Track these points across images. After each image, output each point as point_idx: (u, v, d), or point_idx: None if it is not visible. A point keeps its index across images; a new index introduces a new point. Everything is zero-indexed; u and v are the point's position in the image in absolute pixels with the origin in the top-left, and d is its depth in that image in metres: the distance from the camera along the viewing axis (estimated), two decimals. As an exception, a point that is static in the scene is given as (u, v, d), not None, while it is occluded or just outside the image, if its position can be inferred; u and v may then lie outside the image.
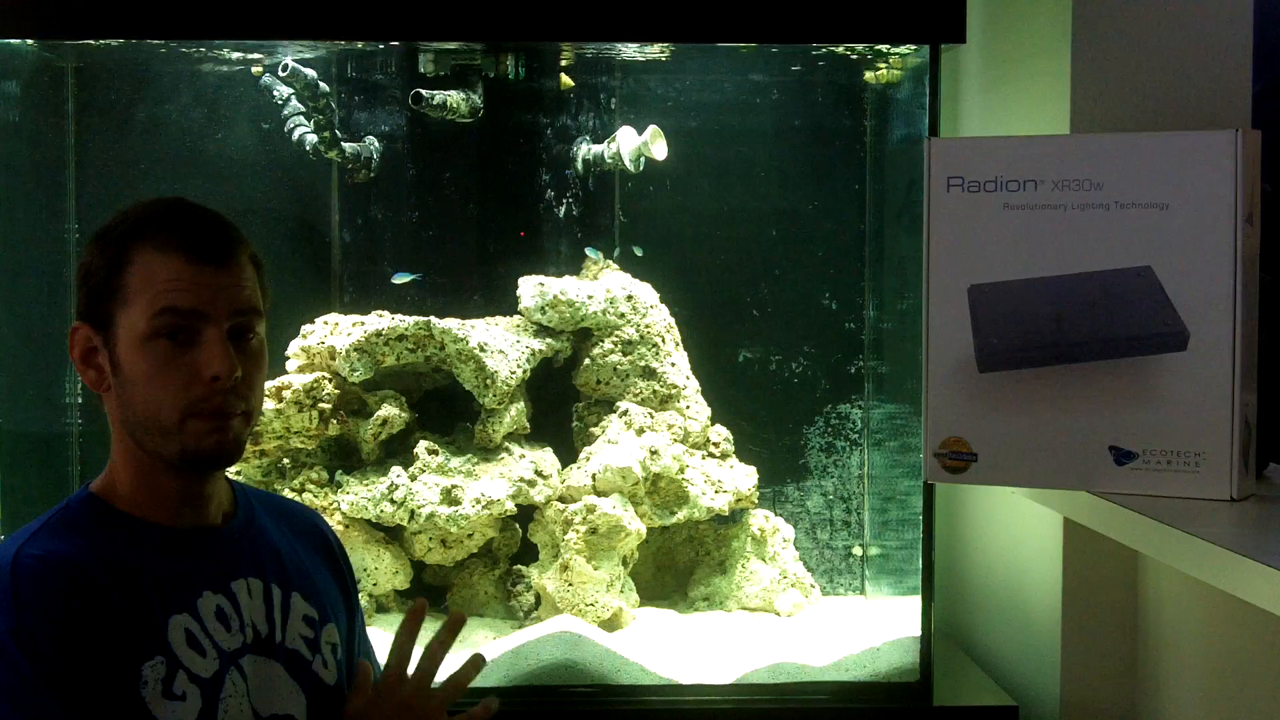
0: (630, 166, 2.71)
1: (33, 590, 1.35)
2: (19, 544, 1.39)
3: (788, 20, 2.33)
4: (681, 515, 2.65)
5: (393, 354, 2.60)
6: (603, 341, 2.71)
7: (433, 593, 2.69)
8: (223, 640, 1.44)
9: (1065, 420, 1.89)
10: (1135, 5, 2.25)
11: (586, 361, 2.72)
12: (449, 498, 2.53)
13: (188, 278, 1.42)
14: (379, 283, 2.80)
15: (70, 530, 1.43)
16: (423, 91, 2.60)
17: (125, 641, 1.37)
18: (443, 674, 1.59)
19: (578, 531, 2.53)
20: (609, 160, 2.74)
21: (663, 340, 2.73)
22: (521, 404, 2.65)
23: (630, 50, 2.64)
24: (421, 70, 2.67)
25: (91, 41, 2.47)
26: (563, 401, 2.78)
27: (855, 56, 2.67)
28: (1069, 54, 2.25)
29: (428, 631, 2.55)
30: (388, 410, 2.60)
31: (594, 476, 2.59)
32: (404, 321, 2.60)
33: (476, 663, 1.60)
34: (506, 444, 2.65)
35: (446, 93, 2.63)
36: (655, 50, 2.64)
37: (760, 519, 2.75)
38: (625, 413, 2.67)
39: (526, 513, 2.63)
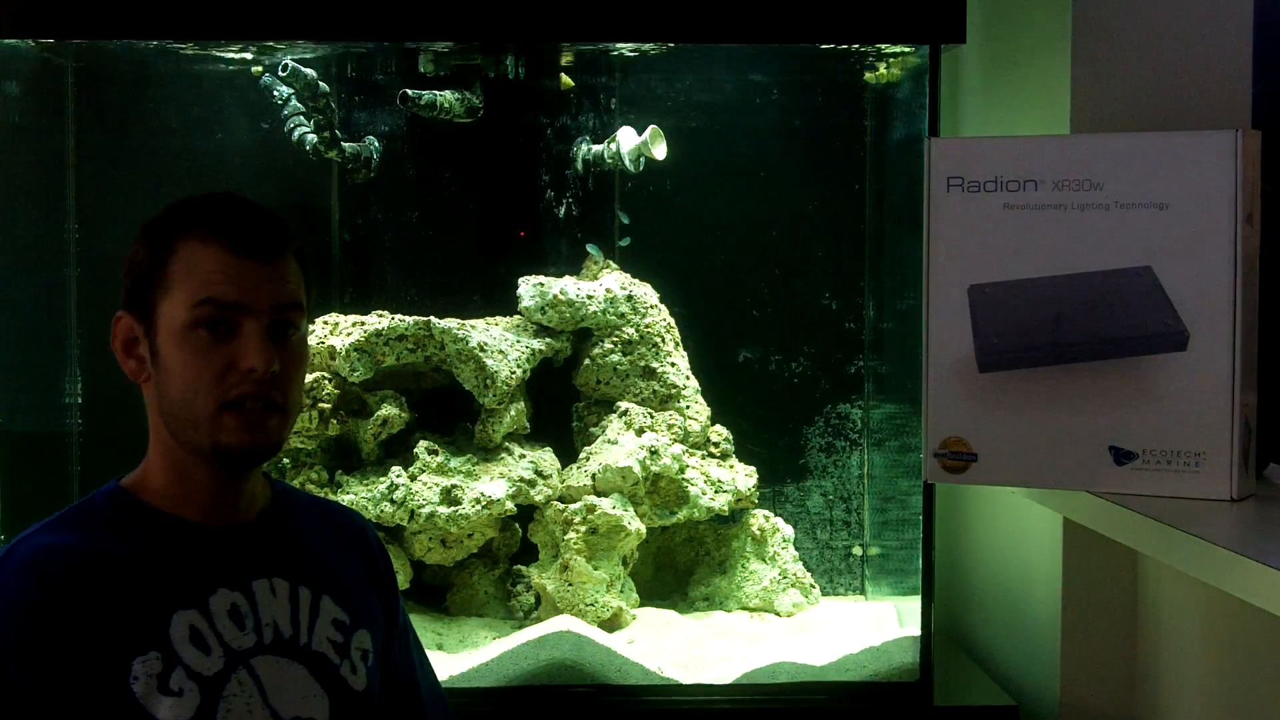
0: (630, 166, 2.70)
1: (4, 580, 1.37)
2: (26, 534, 1.41)
3: (787, 20, 2.33)
4: (681, 515, 2.65)
5: (392, 354, 2.60)
6: (603, 341, 2.71)
7: (433, 592, 2.69)
8: (232, 639, 1.43)
9: (1065, 420, 1.89)
10: (1135, 5, 2.25)
11: (586, 361, 2.72)
12: (449, 498, 2.53)
13: (231, 269, 1.42)
14: (379, 283, 2.81)
15: (83, 522, 1.44)
16: (410, 91, 2.60)
17: (114, 636, 1.37)
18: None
19: (578, 531, 2.53)
20: (609, 160, 2.74)
21: (663, 340, 2.73)
22: (521, 404, 2.65)
23: (630, 50, 2.64)
24: (421, 70, 2.67)
25: (91, 41, 2.47)
26: (563, 401, 2.78)
27: (855, 57, 2.67)
28: (1069, 54, 2.25)
29: (428, 630, 2.56)
30: (388, 410, 2.60)
31: (594, 476, 2.59)
32: (404, 321, 2.60)
33: None
34: (506, 444, 2.64)
35: (436, 92, 2.63)
36: (655, 50, 2.63)
37: (760, 519, 2.75)
38: (625, 413, 2.67)
39: (526, 513, 2.63)
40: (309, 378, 2.56)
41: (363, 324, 2.61)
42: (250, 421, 1.43)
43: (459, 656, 2.46)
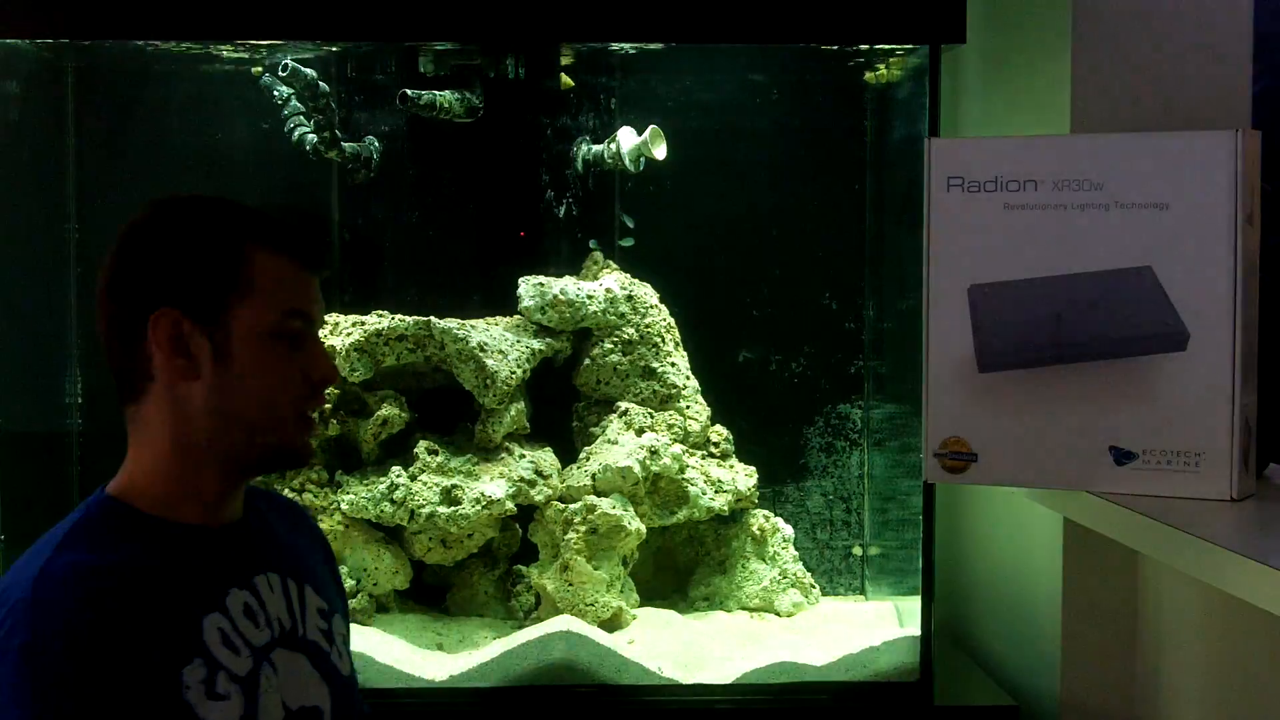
0: (630, 166, 2.70)
1: (53, 606, 1.32)
2: (44, 558, 1.37)
3: (788, 20, 2.33)
4: (681, 515, 2.65)
5: (393, 354, 2.60)
6: (603, 341, 2.71)
7: (433, 592, 2.69)
8: (252, 636, 1.44)
9: (1065, 420, 1.89)
10: (1135, 5, 2.25)
11: (586, 361, 2.72)
12: (449, 498, 2.53)
13: (305, 281, 1.50)
14: (379, 283, 2.81)
15: (96, 538, 1.41)
16: (409, 91, 2.60)
17: (161, 648, 1.36)
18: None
19: (578, 531, 2.53)
20: (609, 160, 2.74)
21: (663, 340, 2.73)
22: (521, 404, 2.65)
23: (630, 50, 2.63)
24: (421, 70, 2.67)
25: (91, 42, 2.47)
26: (563, 401, 2.78)
27: (855, 57, 2.67)
28: (1069, 54, 2.25)
29: (428, 630, 2.56)
30: (388, 410, 2.60)
31: (594, 476, 2.59)
32: (404, 321, 2.60)
33: None
34: (506, 444, 2.64)
35: (436, 92, 2.63)
36: (655, 49, 2.63)
37: (760, 519, 2.75)
38: (625, 413, 2.67)
39: (526, 513, 2.63)
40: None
41: (363, 324, 2.61)
42: (310, 428, 1.52)
43: (459, 656, 2.46)
